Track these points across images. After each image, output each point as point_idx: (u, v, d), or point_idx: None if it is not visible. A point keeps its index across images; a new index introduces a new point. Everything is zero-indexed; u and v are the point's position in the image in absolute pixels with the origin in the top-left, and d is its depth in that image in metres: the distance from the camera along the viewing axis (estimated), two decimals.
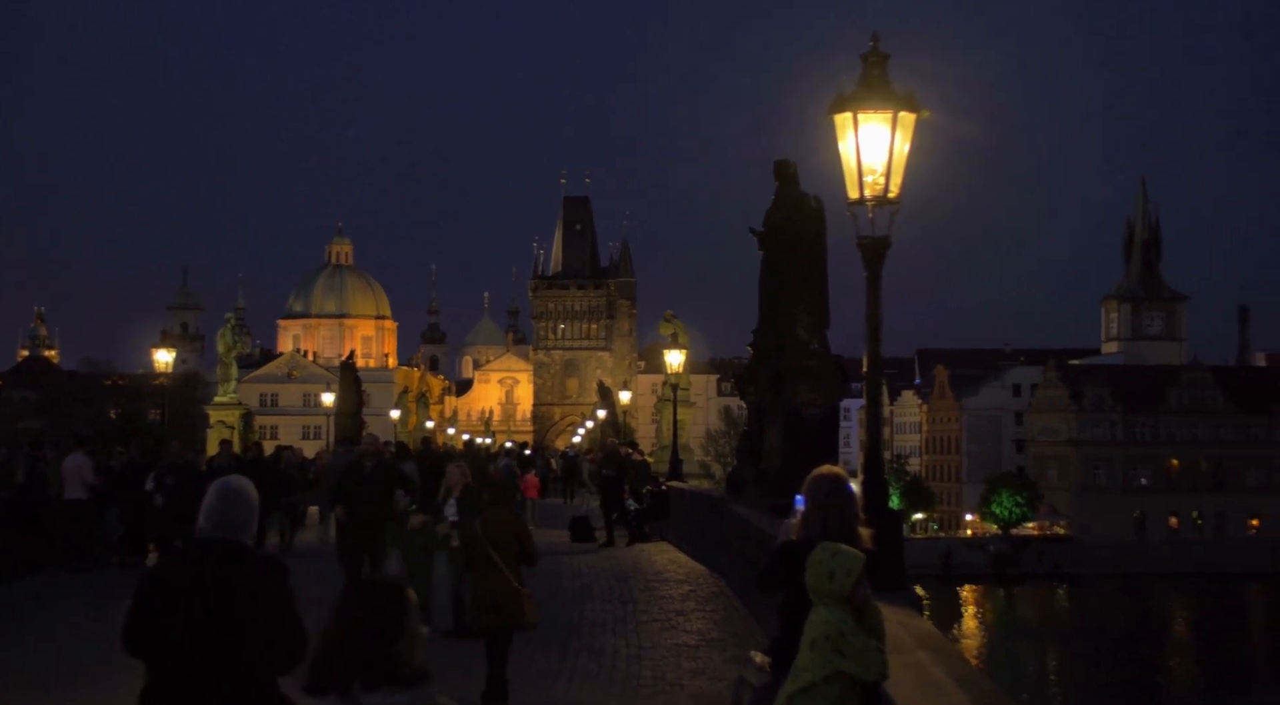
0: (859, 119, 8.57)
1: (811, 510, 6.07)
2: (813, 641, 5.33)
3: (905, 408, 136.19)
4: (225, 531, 4.91)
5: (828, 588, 5.40)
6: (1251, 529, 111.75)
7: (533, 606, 10.31)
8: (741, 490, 17.92)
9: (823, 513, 6.01)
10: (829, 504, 6.03)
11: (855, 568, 5.44)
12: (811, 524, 6.02)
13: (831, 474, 6.17)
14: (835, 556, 5.48)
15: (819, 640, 5.31)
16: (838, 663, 5.24)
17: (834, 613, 5.35)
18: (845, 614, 5.36)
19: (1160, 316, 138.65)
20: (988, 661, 66.23)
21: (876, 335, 9.10)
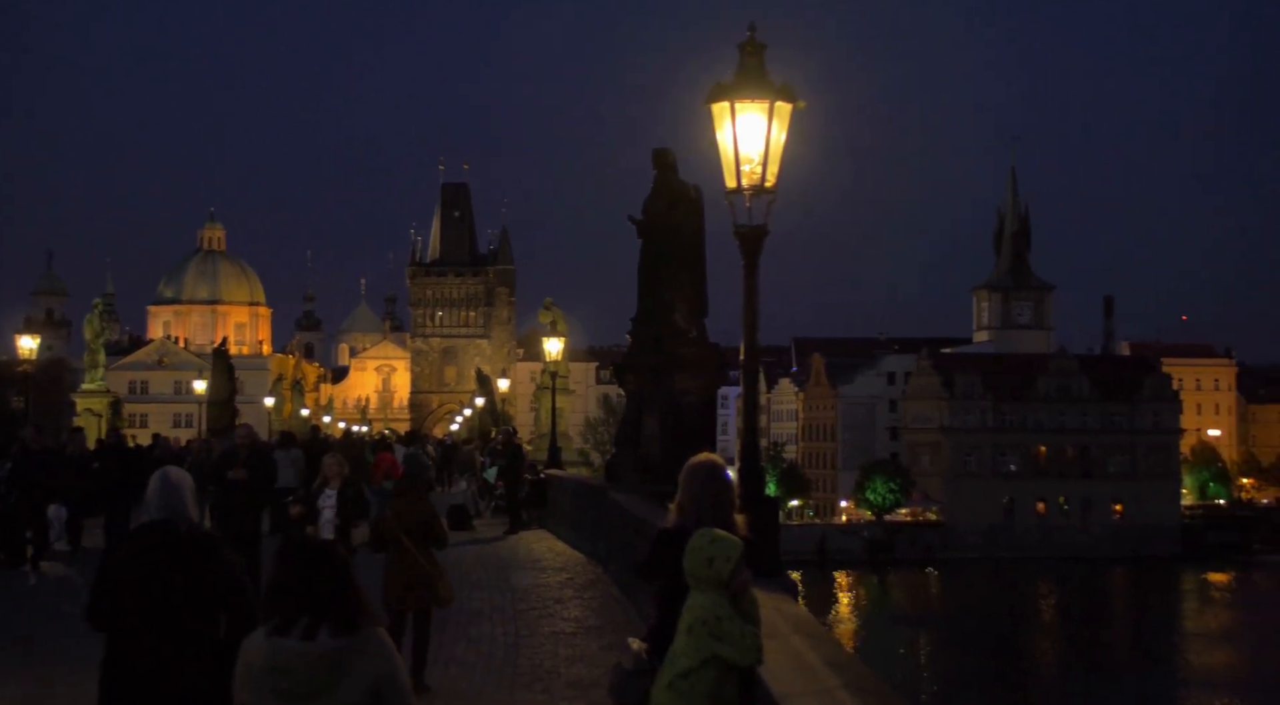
0: (736, 109, 8.61)
1: (687, 497, 6.09)
2: (690, 627, 5.35)
3: (782, 396, 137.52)
4: (170, 513, 5.64)
5: (705, 574, 5.42)
6: (1115, 514, 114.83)
7: (446, 584, 10.72)
8: (620, 478, 17.96)
9: (699, 500, 6.03)
10: (705, 491, 6.06)
11: (733, 554, 5.47)
12: (688, 511, 6.04)
13: (708, 461, 6.20)
14: (713, 543, 5.50)
15: (696, 625, 5.33)
16: (714, 647, 5.27)
17: (711, 598, 5.38)
18: (723, 599, 5.39)
19: (1029, 306, 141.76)
20: (862, 645, 67.24)
21: (754, 324, 9.16)
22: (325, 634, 4.21)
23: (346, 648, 4.23)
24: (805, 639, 6.09)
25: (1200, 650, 69.49)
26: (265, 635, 4.27)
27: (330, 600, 4.26)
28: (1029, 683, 62.20)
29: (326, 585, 4.28)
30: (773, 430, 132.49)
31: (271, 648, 4.23)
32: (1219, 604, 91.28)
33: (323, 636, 4.20)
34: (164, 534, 5.59)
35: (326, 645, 4.20)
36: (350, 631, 4.25)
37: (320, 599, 4.25)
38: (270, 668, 4.22)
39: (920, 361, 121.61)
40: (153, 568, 5.45)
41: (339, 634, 4.22)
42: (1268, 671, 61.62)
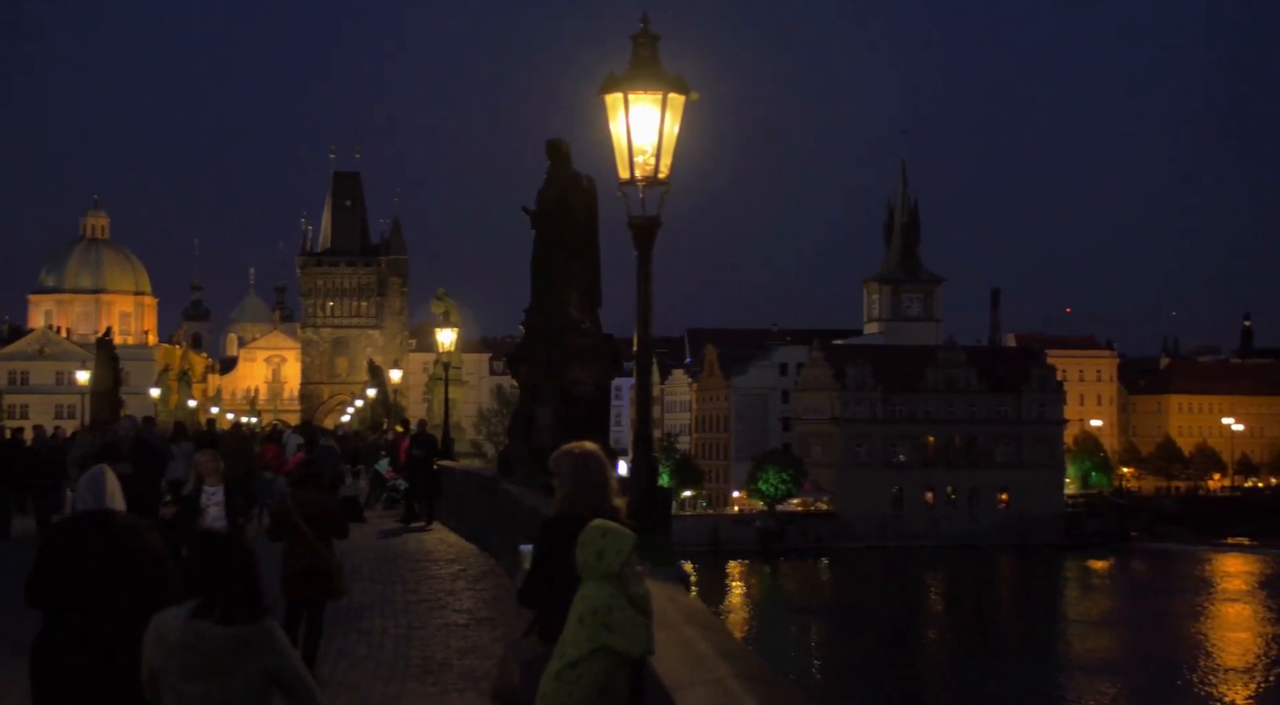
0: (629, 100, 8.62)
1: (572, 486, 6.11)
2: (581, 616, 5.35)
3: (675, 387, 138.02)
4: (100, 502, 6.21)
5: (596, 565, 5.43)
6: (1001, 503, 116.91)
7: (341, 577, 10.75)
8: (513, 469, 17.92)
9: (582, 487, 6.08)
10: (588, 478, 6.11)
11: (625, 546, 5.48)
12: (575, 499, 6.07)
13: (585, 448, 6.26)
14: (605, 536, 5.51)
15: (587, 615, 5.33)
16: (605, 637, 5.28)
17: (604, 588, 5.38)
18: (615, 589, 5.40)
19: (918, 298, 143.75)
20: (753, 635, 67.80)
21: (647, 315, 9.18)
22: (232, 620, 4.74)
23: (250, 634, 4.75)
24: (697, 629, 6.12)
25: (1081, 636, 71.06)
26: (182, 616, 4.77)
27: (240, 589, 4.79)
28: (918, 670, 63.15)
29: (237, 575, 4.82)
30: (666, 421, 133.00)
31: (186, 627, 4.73)
32: (1099, 591, 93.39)
33: (230, 622, 4.73)
34: (97, 521, 6.08)
35: (233, 631, 4.72)
36: (255, 619, 4.79)
37: (231, 587, 4.78)
38: (182, 645, 4.72)
39: (812, 353, 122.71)
40: (86, 552, 5.94)
41: (245, 621, 4.75)
42: (1145, 655, 63.20)
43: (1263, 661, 61.85)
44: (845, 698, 52.43)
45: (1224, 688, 56.02)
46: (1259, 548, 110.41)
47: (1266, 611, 78.33)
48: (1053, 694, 55.55)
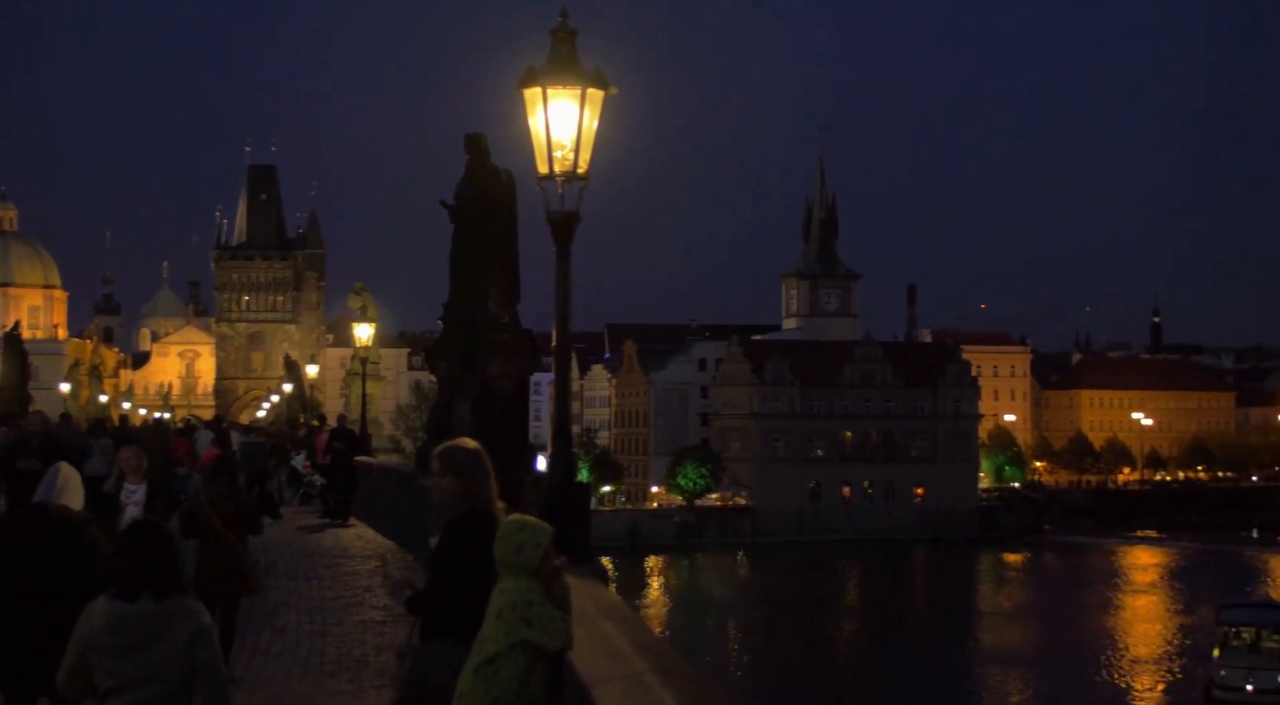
0: (548, 94, 8.61)
1: (473, 482, 6.10)
2: (499, 611, 5.34)
3: (595, 382, 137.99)
4: (45, 496, 6.76)
5: (515, 560, 5.43)
6: (917, 497, 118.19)
7: (256, 574, 10.75)
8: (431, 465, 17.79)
9: (484, 484, 6.08)
10: (488, 474, 6.13)
11: (544, 541, 5.49)
12: (479, 495, 6.06)
13: (476, 445, 6.28)
14: (524, 529, 5.51)
15: (505, 609, 5.32)
16: (524, 632, 5.27)
17: (523, 583, 5.38)
18: (534, 584, 5.40)
19: (836, 294, 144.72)
20: (671, 629, 68.01)
21: (566, 310, 9.18)
22: (153, 597, 5.17)
23: (173, 608, 5.20)
24: (615, 623, 6.13)
25: (995, 628, 72.04)
26: (110, 597, 5.20)
27: (162, 568, 5.25)
28: (835, 662, 63.67)
29: (160, 555, 5.28)
30: (585, 417, 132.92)
31: (111, 609, 5.15)
32: (1012, 583, 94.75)
33: (152, 599, 5.17)
34: (36, 515, 6.66)
35: (155, 607, 5.16)
36: (176, 595, 5.26)
37: (153, 569, 5.22)
38: (109, 626, 5.13)
39: (731, 348, 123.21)
40: (22, 544, 6.48)
41: (165, 598, 5.19)
42: (1057, 647, 64.20)
43: (1170, 651, 63.05)
44: (763, 691, 52.75)
45: (1133, 678, 57.05)
46: (1167, 540, 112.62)
47: (1174, 602, 79.87)
48: (967, 685, 56.27)
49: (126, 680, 5.11)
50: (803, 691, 54.44)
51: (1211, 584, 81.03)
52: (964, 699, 53.76)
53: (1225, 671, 49.06)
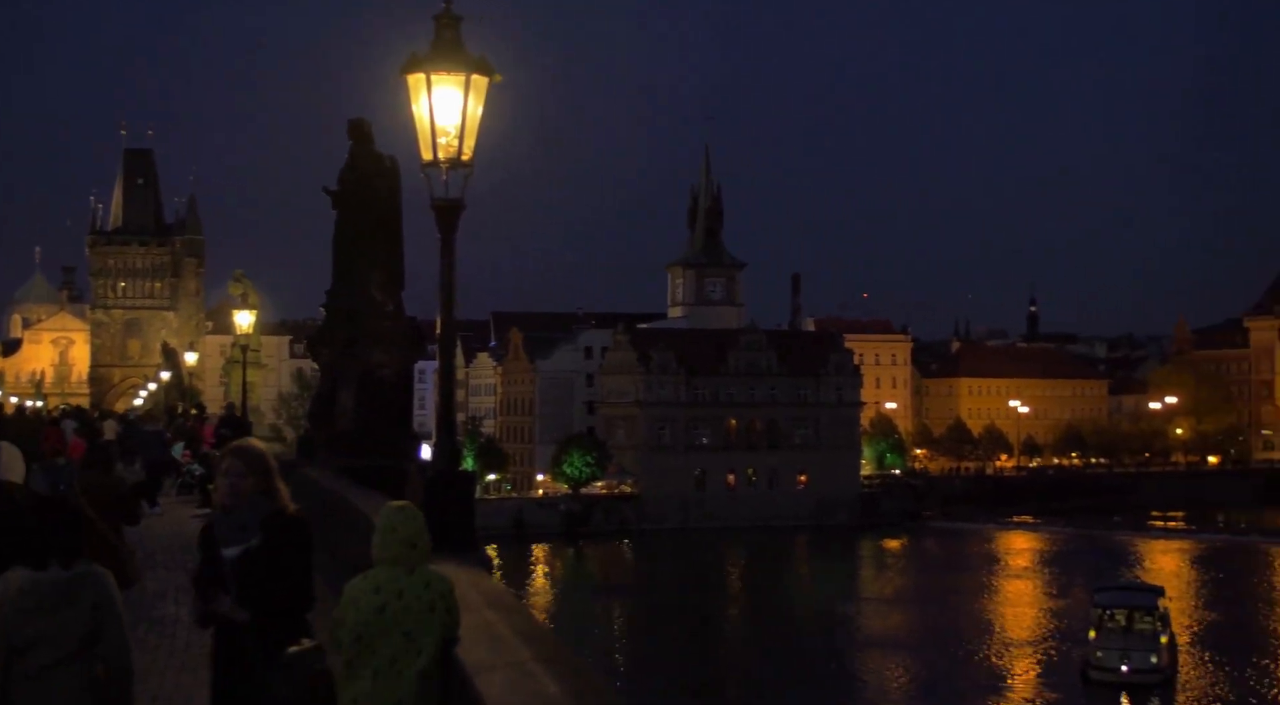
0: (432, 81, 8.55)
1: (264, 481, 6.01)
2: (431, 606, 5.35)
3: (480, 370, 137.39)
4: None
5: (410, 554, 5.42)
6: (800, 484, 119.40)
7: (134, 564, 10.53)
8: (314, 453, 17.65)
9: (273, 482, 6.00)
10: (277, 472, 6.07)
11: (424, 525, 5.52)
12: (278, 493, 5.98)
13: (256, 445, 6.21)
14: (410, 519, 5.49)
15: (438, 603, 5.34)
16: (448, 624, 5.30)
17: (431, 576, 5.39)
18: (441, 574, 5.41)
19: (721, 283, 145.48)
20: (556, 617, 68.00)
21: (451, 297, 9.14)
22: (61, 566, 5.67)
23: (78, 576, 5.68)
24: (498, 612, 6.13)
25: (876, 613, 73.07)
26: (22, 569, 5.65)
27: (67, 541, 5.75)
28: (718, 649, 64.18)
29: (66, 529, 5.79)
30: (471, 405, 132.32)
31: (24, 579, 5.61)
32: (893, 569, 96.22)
33: (61, 568, 5.66)
34: None
35: (63, 574, 5.65)
36: (82, 564, 5.75)
37: (60, 540, 5.74)
38: (21, 592, 5.57)
39: (617, 336, 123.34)
40: None
41: (72, 566, 5.69)
42: (936, 631, 65.33)
43: (1046, 634, 64.45)
44: (647, 678, 52.99)
45: (1010, 660, 58.24)
46: (1042, 525, 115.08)
47: (1049, 587, 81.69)
48: (848, 670, 57.04)
49: (36, 640, 5.53)
50: (686, 678, 54.77)
51: (1085, 568, 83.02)
52: (845, 683, 54.50)
53: (1101, 653, 50.43)
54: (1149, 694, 49.63)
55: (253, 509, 5.89)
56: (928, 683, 53.68)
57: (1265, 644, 60.89)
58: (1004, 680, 54.06)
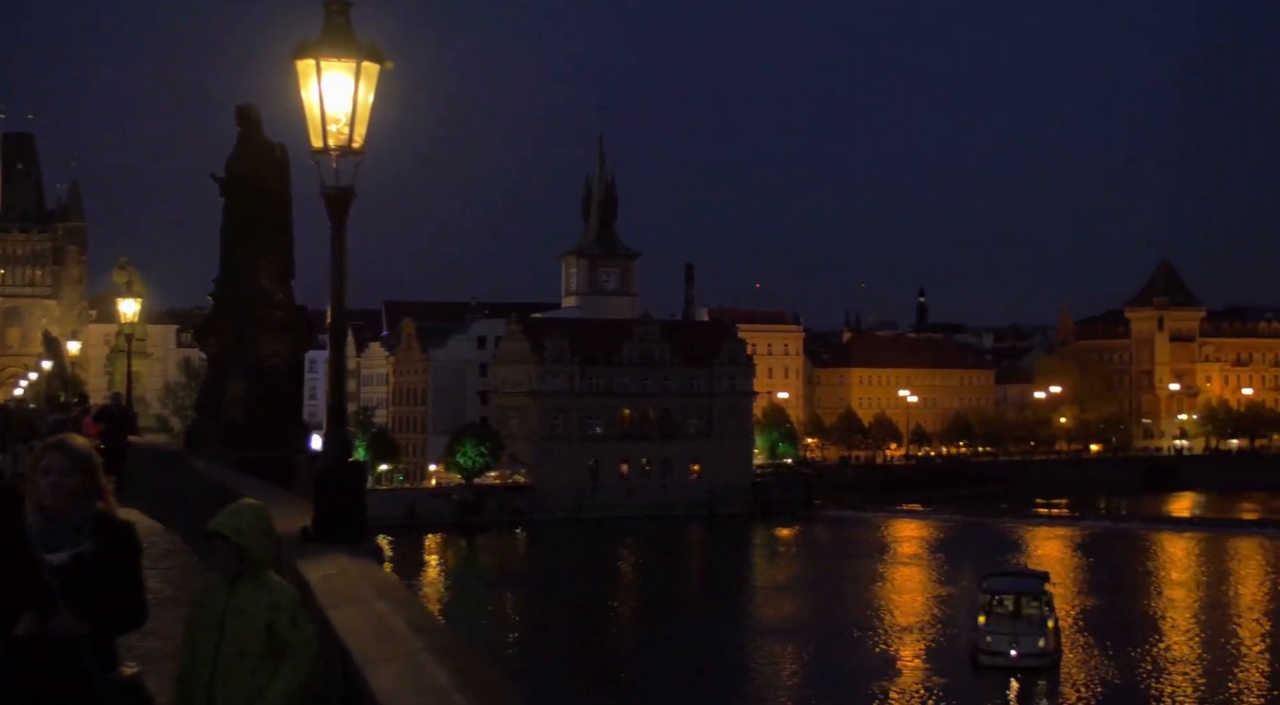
0: (322, 67, 8.45)
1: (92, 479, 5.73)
2: (295, 618, 5.29)
3: (372, 360, 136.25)
4: None
5: (270, 552, 5.36)
6: (693, 474, 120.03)
7: None
8: (201, 444, 17.40)
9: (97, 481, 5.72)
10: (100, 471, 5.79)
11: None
12: (104, 493, 5.63)
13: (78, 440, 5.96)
14: (260, 515, 5.43)
15: (299, 613, 5.28)
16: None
17: (284, 579, 5.34)
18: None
19: (615, 272, 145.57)
20: (449, 608, 67.74)
21: (341, 287, 9.05)
22: None
23: None
24: (389, 603, 6.09)
25: (767, 601, 73.74)
26: None
27: None
28: (612, 638, 64.33)
29: None
30: (362, 395, 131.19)
31: None
32: (784, 557, 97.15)
33: None
34: None
35: None
36: None
37: None
38: None
39: (510, 326, 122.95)
40: None
41: None
42: (827, 618, 66.10)
43: (936, 620, 65.50)
44: (541, 668, 52.96)
45: (901, 646, 59.08)
46: (930, 513, 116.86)
47: (938, 573, 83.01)
48: (741, 658, 57.49)
49: None
50: (579, 667, 54.87)
51: (972, 555, 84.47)
52: (738, 671, 54.93)
53: (990, 638, 51.42)
54: (1036, 677, 50.69)
55: (80, 511, 5.17)
56: (820, 670, 54.29)
57: (1144, 628, 62.44)
58: (895, 666, 54.84)
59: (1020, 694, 49.26)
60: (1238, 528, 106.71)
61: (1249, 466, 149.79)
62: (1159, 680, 51.54)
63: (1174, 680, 51.45)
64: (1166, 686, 50.44)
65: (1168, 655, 56.30)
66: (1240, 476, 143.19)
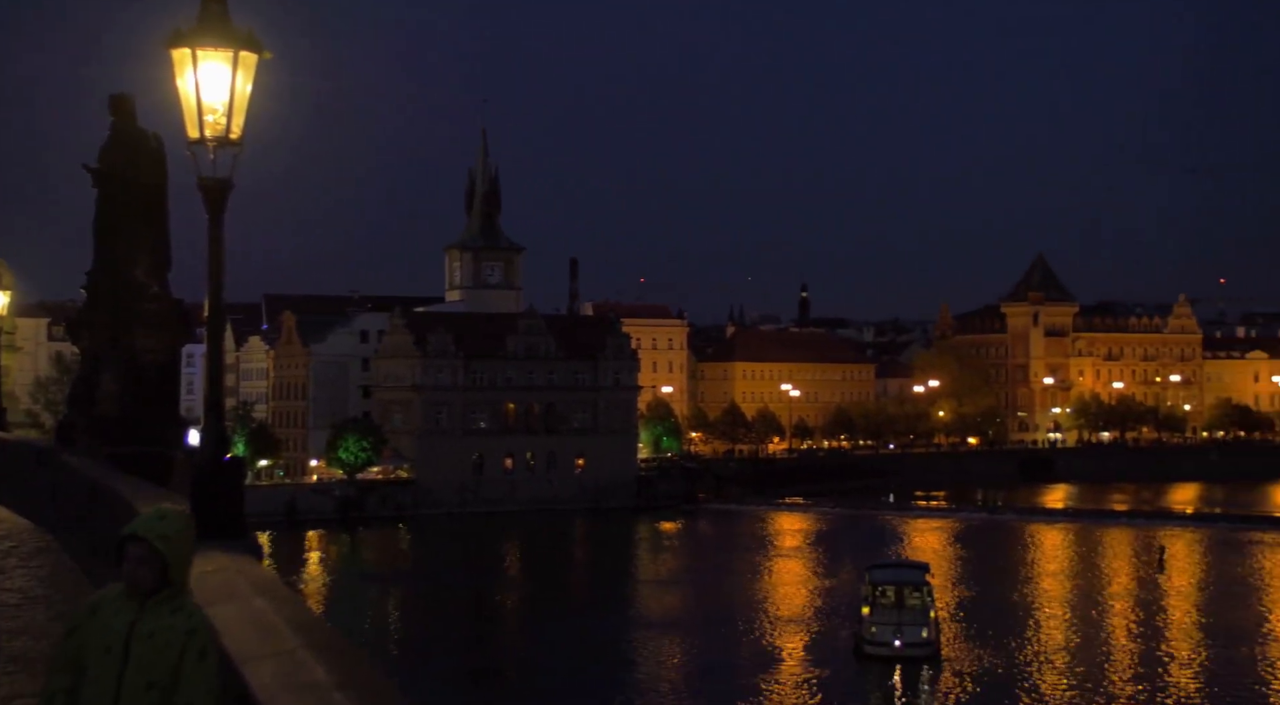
0: (198, 57, 8.32)
1: None
2: (203, 650, 5.10)
3: (252, 354, 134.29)
4: None
5: (189, 570, 5.14)
6: (578, 468, 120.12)
7: None
8: (74, 440, 17.00)
9: None
10: None
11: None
12: None
13: None
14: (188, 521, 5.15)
15: (209, 645, 5.11)
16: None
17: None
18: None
19: (499, 266, 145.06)
20: (330, 605, 67.06)
21: (219, 279, 8.93)
22: None
23: None
24: (268, 600, 6.03)
25: (651, 594, 74.06)
26: None
27: None
28: (496, 632, 64.15)
29: None
30: (242, 389, 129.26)
31: None
32: (668, 551, 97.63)
33: None
34: None
35: None
36: None
37: None
38: None
39: (393, 320, 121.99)
40: None
41: None
42: (711, 610, 66.55)
43: (820, 611, 66.27)
44: (424, 664, 52.67)
45: (786, 638, 59.62)
46: (812, 506, 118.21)
47: (821, 565, 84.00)
48: (625, 651, 57.62)
49: None
50: (464, 663, 54.64)
51: (853, 547, 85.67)
52: (622, 665, 55.06)
53: (875, 628, 52.22)
54: (919, 666, 51.51)
55: None
56: (704, 662, 54.63)
57: (1020, 617, 63.80)
58: (778, 657, 55.36)
59: (904, 683, 50.05)
60: (1108, 518, 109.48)
61: (1119, 458, 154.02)
62: (1036, 667, 52.71)
63: (1049, 667, 52.64)
64: (1042, 673, 51.59)
65: (1043, 643, 57.58)
66: (1111, 468, 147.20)
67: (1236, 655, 54.10)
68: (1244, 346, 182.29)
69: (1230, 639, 57.25)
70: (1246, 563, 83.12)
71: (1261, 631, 59.88)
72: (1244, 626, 60.53)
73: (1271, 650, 55.83)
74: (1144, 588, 73.81)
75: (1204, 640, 57.80)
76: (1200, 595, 71.59)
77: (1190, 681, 50.24)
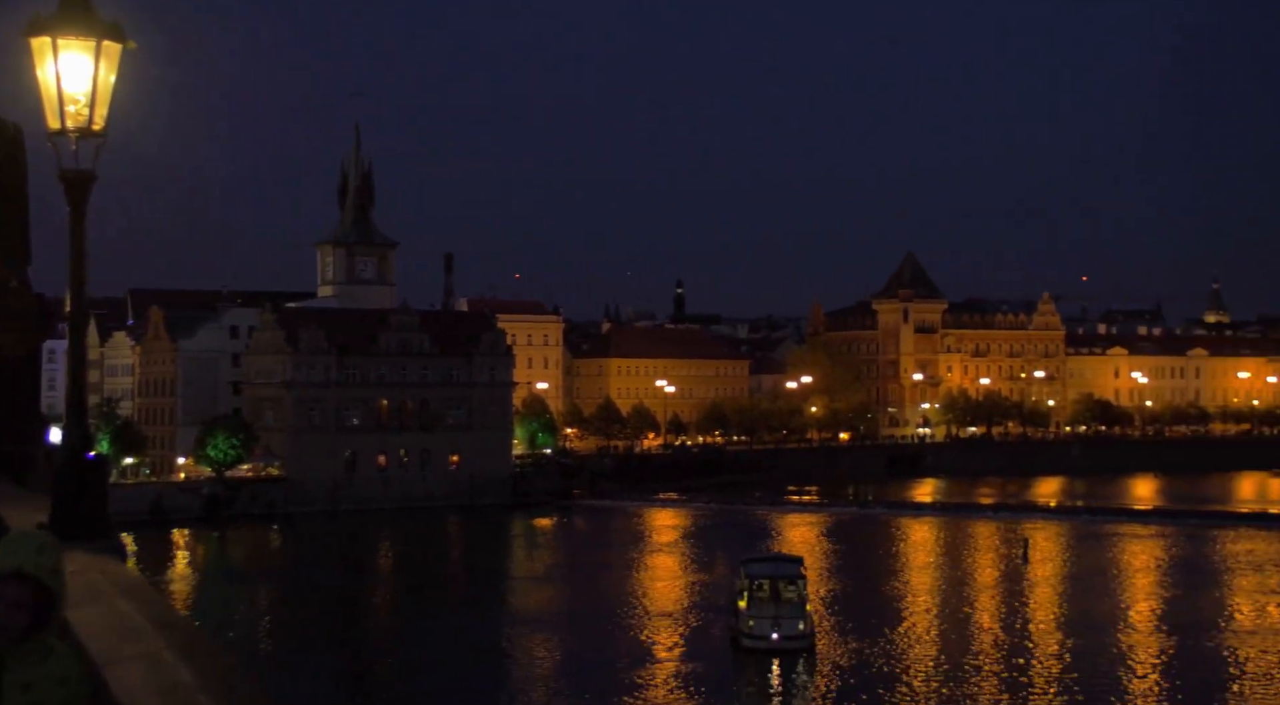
0: (59, 45, 8.11)
1: None
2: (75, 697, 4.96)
3: (117, 349, 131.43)
4: None
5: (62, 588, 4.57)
6: (452, 465, 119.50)
7: None
8: None
9: None
10: None
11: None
12: None
13: None
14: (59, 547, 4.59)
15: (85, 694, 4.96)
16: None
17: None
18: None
19: (372, 261, 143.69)
20: (198, 604, 65.94)
21: (81, 274, 8.73)
22: None
23: None
24: (131, 601, 5.91)
25: (526, 591, 73.94)
26: None
27: None
28: (368, 631, 63.60)
29: None
30: (106, 386, 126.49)
31: None
32: (543, 547, 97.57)
33: None
34: None
35: None
36: None
37: None
38: None
39: (264, 315, 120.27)
40: None
41: None
42: (586, 607, 66.68)
43: (695, 606, 66.70)
44: (295, 664, 51.99)
45: (662, 633, 59.89)
46: (686, 501, 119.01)
47: (695, 560, 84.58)
48: (500, 648, 57.52)
49: None
50: (336, 663, 54.09)
51: (728, 542, 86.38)
52: (498, 663, 54.95)
53: (753, 622, 52.62)
54: (796, 659, 52.08)
55: None
56: (580, 659, 54.71)
57: (891, 608, 64.93)
58: (655, 652, 55.59)
59: (781, 676, 50.60)
60: (974, 512, 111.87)
61: (986, 453, 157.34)
62: (908, 657, 53.67)
63: (922, 657, 53.64)
64: (915, 663, 52.56)
65: (915, 634, 58.65)
66: (978, 463, 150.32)
67: (1096, 643, 55.64)
68: (1105, 343, 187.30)
69: (1090, 627, 58.89)
70: (1106, 554, 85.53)
71: (1119, 620, 61.65)
72: (1103, 615, 62.28)
73: (1129, 637, 57.53)
74: (1009, 579, 75.55)
75: (1066, 628, 59.37)
76: (1062, 585, 73.54)
77: (1053, 667, 51.62)
